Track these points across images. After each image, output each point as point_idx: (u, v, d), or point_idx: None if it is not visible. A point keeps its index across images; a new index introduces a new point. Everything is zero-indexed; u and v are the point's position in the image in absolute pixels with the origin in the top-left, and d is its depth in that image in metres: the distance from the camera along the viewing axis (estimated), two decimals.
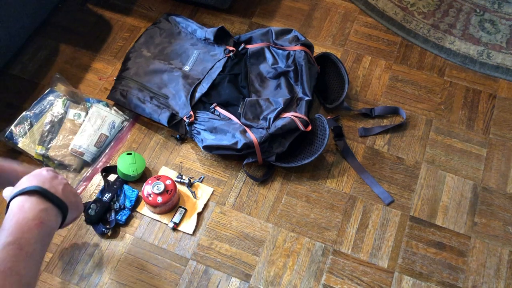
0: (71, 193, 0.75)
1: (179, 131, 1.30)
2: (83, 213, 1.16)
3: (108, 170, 1.25)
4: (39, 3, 1.43)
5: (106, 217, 1.19)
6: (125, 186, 1.22)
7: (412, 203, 1.21)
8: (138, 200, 1.22)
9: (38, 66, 1.47)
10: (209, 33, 1.41)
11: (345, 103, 1.32)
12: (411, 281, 1.11)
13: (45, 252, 0.65)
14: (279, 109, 1.23)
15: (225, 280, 1.12)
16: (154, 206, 1.15)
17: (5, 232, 0.59)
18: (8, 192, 0.71)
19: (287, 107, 1.25)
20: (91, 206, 1.17)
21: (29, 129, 1.27)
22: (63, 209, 0.66)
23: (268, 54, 1.34)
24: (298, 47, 1.30)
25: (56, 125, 1.29)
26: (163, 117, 1.28)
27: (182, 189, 1.24)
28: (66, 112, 1.31)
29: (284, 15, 1.57)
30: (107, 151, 1.29)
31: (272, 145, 1.21)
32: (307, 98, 1.26)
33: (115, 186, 1.21)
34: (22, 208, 0.61)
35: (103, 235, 1.17)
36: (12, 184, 0.72)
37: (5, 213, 0.63)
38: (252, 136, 1.19)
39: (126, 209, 1.19)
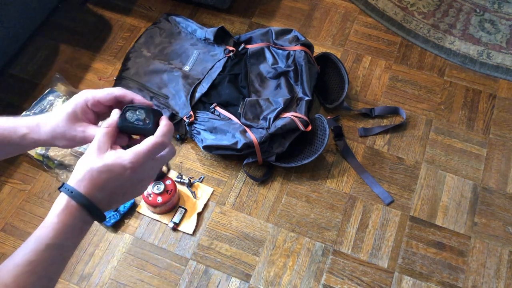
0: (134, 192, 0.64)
1: (179, 131, 1.30)
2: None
3: None
4: (39, 3, 1.43)
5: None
6: None
7: (412, 203, 1.21)
8: (132, 208, 1.20)
9: (38, 66, 1.47)
10: (209, 33, 1.41)
11: (345, 103, 1.32)
12: (411, 281, 1.11)
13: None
14: (279, 109, 1.23)
15: (225, 280, 1.12)
16: (154, 206, 1.15)
17: (52, 230, 0.57)
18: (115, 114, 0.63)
19: (287, 107, 1.25)
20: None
21: None
22: (101, 221, 0.65)
23: (268, 54, 1.34)
24: (298, 47, 1.30)
25: None
26: None
27: (182, 189, 1.24)
28: None
29: (284, 15, 1.56)
30: None
31: (272, 145, 1.21)
32: (307, 98, 1.26)
33: None
34: (71, 214, 0.59)
35: None
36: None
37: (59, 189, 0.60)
38: (252, 136, 1.19)
39: (117, 213, 1.18)
